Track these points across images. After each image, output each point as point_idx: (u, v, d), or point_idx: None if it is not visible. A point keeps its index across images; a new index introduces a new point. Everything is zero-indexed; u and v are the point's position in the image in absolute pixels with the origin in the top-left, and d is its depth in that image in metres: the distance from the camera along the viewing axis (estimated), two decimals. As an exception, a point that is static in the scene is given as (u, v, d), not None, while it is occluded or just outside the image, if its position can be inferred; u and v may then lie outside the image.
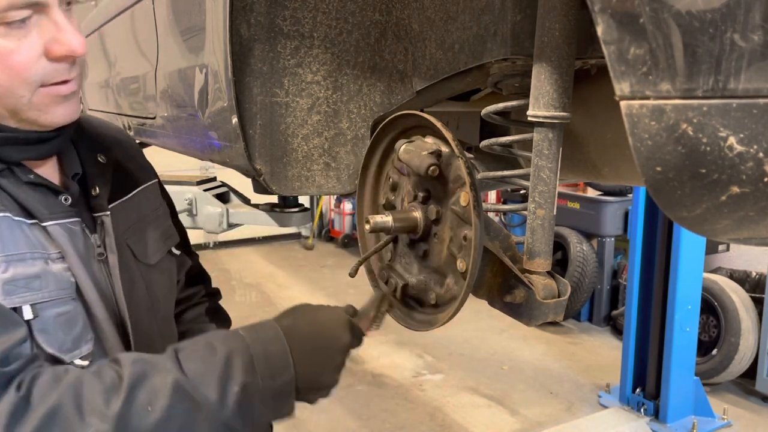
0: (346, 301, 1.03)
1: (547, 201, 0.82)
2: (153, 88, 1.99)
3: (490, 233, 0.90)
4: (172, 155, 2.37)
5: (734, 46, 0.53)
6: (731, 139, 0.54)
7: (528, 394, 4.18)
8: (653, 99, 0.56)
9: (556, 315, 0.84)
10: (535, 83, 0.79)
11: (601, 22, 0.57)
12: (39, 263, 0.89)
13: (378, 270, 1.08)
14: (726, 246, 4.94)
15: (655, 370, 3.80)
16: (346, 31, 1.16)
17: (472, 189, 0.80)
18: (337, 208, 8.14)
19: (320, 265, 7.31)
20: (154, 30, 1.91)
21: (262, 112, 1.17)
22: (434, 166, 0.86)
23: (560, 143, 0.81)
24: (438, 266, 0.92)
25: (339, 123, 1.21)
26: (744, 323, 4.04)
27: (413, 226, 0.93)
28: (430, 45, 1.07)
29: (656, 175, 0.57)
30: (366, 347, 1.01)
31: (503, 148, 0.95)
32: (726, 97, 0.54)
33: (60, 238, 0.93)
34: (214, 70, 1.27)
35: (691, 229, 0.64)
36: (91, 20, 3.07)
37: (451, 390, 4.23)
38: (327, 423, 3.81)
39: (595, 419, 3.82)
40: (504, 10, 0.86)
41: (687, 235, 3.57)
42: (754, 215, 0.60)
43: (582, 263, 5.05)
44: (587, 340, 5.07)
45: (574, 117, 0.84)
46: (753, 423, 3.85)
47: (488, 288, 0.90)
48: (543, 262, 0.85)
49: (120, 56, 2.66)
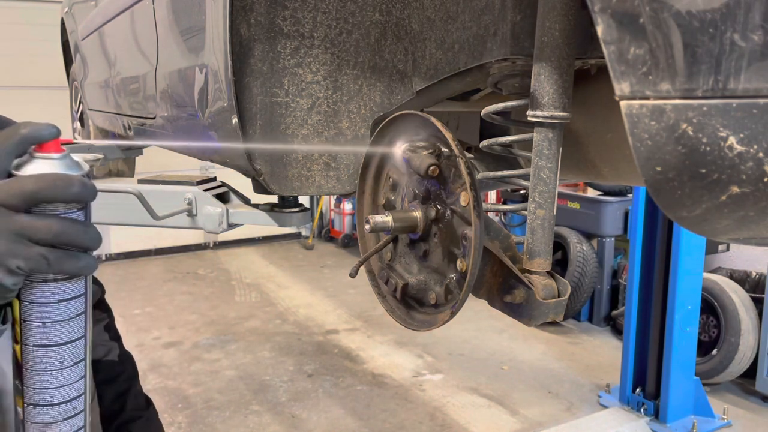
0: (346, 301, 1.03)
1: (547, 201, 0.82)
2: (153, 88, 1.99)
3: (490, 233, 0.90)
4: (172, 155, 2.38)
5: (734, 46, 0.53)
6: (731, 139, 0.54)
7: (528, 394, 4.18)
8: (653, 99, 0.56)
9: (556, 315, 0.84)
10: (535, 83, 0.79)
11: (601, 22, 0.57)
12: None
13: (378, 270, 1.08)
14: (726, 246, 4.94)
15: (655, 370, 3.80)
16: (346, 31, 1.16)
17: (472, 189, 0.80)
18: (337, 208, 8.14)
19: (320, 265, 7.31)
20: (154, 30, 1.91)
21: (262, 112, 1.17)
22: (434, 166, 0.86)
23: (560, 143, 0.81)
24: (438, 266, 0.92)
25: (339, 123, 1.21)
26: (744, 323, 4.04)
27: (413, 226, 0.93)
28: (430, 45, 1.07)
29: (656, 175, 0.57)
30: (366, 347, 1.00)
31: (503, 148, 0.95)
32: (726, 97, 0.54)
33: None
34: (214, 70, 1.27)
35: (691, 229, 0.64)
36: (91, 20, 3.07)
37: (451, 390, 4.23)
38: (327, 423, 3.81)
39: (595, 419, 3.82)
40: (504, 10, 0.86)
41: (687, 235, 3.57)
42: (754, 215, 0.60)
43: (582, 263, 5.05)
44: (587, 340, 5.07)
45: (574, 117, 0.84)
46: (753, 423, 3.85)
47: (488, 288, 0.90)
48: (543, 262, 0.85)
49: (120, 56, 2.66)
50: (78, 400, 0.75)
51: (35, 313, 0.69)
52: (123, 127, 2.75)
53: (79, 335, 0.73)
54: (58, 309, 0.70)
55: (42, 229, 0.63)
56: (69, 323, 0.71)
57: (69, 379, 0.73)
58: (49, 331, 0.70)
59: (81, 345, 0.73)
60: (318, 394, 4.18)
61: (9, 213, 0.63)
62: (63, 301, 0.70)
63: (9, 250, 0.63)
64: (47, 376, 0.71)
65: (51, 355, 0.71)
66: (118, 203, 2.10)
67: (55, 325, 0.70)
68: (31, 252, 0.64)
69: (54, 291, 0.69)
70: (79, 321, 0.72)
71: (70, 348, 0.72)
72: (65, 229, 0.65)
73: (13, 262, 0.63)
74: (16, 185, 0.64)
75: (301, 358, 4.74)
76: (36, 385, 0.71)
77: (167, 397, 4.09)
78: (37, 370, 0.71)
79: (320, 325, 5.40)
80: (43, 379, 0.71)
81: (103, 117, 3.24)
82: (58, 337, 0.71)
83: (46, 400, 0.72)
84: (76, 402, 0.74)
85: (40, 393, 0.71)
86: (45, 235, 0.64)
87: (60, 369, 0.72)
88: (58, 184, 0.64)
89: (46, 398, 0.72)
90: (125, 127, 2.70)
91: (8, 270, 0.64)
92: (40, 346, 0.70)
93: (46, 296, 0.69)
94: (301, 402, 4.06)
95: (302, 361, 4.68)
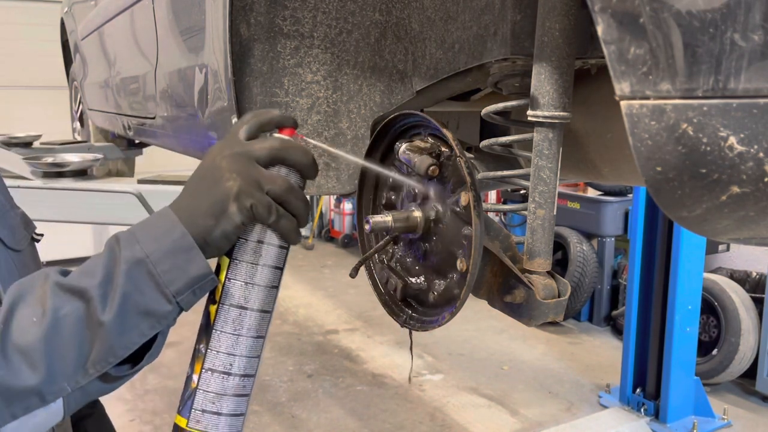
0: (346, 301, 1.03)
1: (547, 201, 0.82)
2: (153, 88, 1.99)
3: (490, 233, 0.90)
4: (172, 155, 2.37)
5: (734, 45, 0.53)
6: (731, 139, 0.54)
7: (528, 394, 4.18)
8: (653, 99, 0.55)
9: (556, 315, 0.84)
10: (535, 83, 0.79)
11: (601, 22, 0.57)
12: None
13: (378, 270, 1.08)
14: (726, 246, 4.94)
15: (655, 370, 3.80)
16: (346, 31, 1.16)
17: (472, 189, 0.80)
18: (337, 208, 8.14)
19: (320, 265, 7.31)
20: (154, 30, 1.91)
21: (262, 112, 1.17)
22: (434, 166, 0.86)
23: (560, 143, 0.81)
24: (438, 266, 0.92)
25: (339, 123, 1.21)
26: (744, 323, 4.04)
27: (413, 226, 0.93)
28: (430, 45, 1.07)
29: (656, 175, 0.57)
30: (366, 347, 0.99)
31: (503, 148, 0.95)
32: (726, 97, 0.54)
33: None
34: (214, 70, 1.27)
35: (691, 229, 0.64)
36: (91, 20, 3.07)
37: (451, 390, 4.23)
38: (327, 423, 3.81)
39: (595, 419, 3.82)
40: (504, 9, 0.86)
41: (687, 235, 3.57)
42: (754, 215, 0.60)
43: (582, 263, 5.05)
44: (587, 340, 5.08)
45: (574, 117, 0.84)
46: (753, 423, 3.85)
47: (488, 288, 0.90)
48: (543, 262, 0.85)
49: (120, 56, 2.66)
50: (249, 380, 0.78)
51: (242, 271, 0.76)
52: (123, 126, 2.75)
53: (269, 308, 0.79)
54: (262, 272, 0.77)
55: (277, 182, 0.74)
56: (266, 291, 0.78)
57: (249, 351, 0.77)
58: (249, 293, 0.76)
59: (267, 320, 0.79)
60: (318, 394, 4.18)
61: (254, 162, 0.74)
62: (267, 266, 0.77)
63: (247, 190, 0.72)
64: (234, 339, 0.76)
65: (243, 318, 0.76)
66: (118, 203, 2.10)
67: (255, 288, 0.76)
68: (263, 198, 0.73)
69: (263, 253, 0.77)
70: (273, 294, 0.79)
71: (260, 318, 0.78)
72: (293, 190, 0.75)
73: (248, 200, 0.72)
74: (266, 141, 0.76)
75: (301, 358, 4.74)
76: (221, 348, 0.76)
77: (167, 398, 4.09)
78: (226, 332, 0.76)
79: (320, 325, 5.40)
80: (229, 341, 0.76)
81: (103, 117, 3.24)
82: (255, 301, 0.77)
83: (225, 367, 0.76)
84: (248, 381, 0.78)
85: (222, 357, 0.76)
86: (278, 188, 0.74)
87: (246, 336, 0.77)
88: (299, 150, 0.77)
89: (226, 364, 0.76)
90: (125, 126, 2.70)
91: (241, 206, 0.72)
92: (237, 306, 0.76)
93: (255, 257, 0.76)
94: (301, 402, 4.06)
95: (302, 361, 4.68)
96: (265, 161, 0.75)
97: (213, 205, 0.73)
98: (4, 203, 1.01)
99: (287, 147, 0.76)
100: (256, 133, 0.78)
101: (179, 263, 0.72)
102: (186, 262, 0.72)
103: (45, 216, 2.23)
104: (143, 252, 0.71)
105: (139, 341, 0.73)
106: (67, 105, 4.55)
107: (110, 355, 0.71)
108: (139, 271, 0.71)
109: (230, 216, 0.72)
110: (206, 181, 0.75)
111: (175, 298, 0.72)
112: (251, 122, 0.78)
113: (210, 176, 0.74)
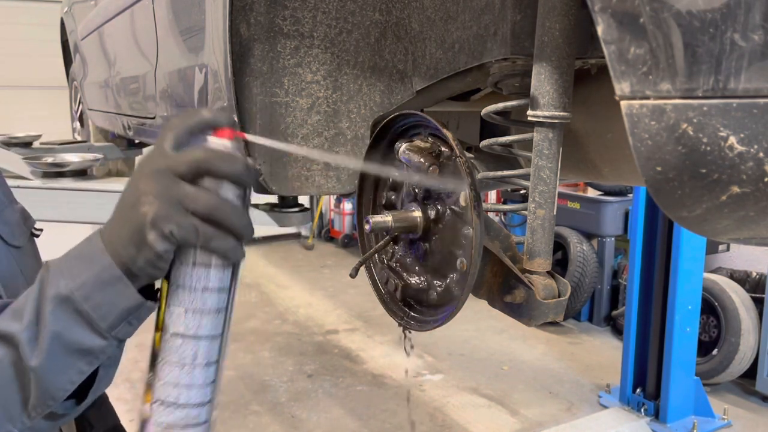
0: (346, 301, 1.03)
1: (547, 201, 0.82)
2: (153, 88, 1.99)
3: (490, 233, 0.90)
4: (172, 155, 2.37)
5: (734, 45, 0.53)
6: (731, 139, 0.54)
7: (528, 394, 4.18)
8: (653, 99, 0.55)
9: (556, 315, 0.84)
10: (535, 83, 0.79)
11: (602, 22, 0.57)
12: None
13: (378, 270, 1.08)
14: (726, 246, 4.94)
15: (655, 370, 3.80)
16: (346, 31, 1.16)
17: (472, 189, 0.80)
18: (337, 208, 8.14)
19: (320, 265, 7.31)
20: (154, 30, 1.91)
21: (262, 112, 1.17)
22: (434, 166, 0.86)
23: (560, 143, 0.81)
24: (438, 266, 0.92)
25: (339, 123, 1.21)
26: (744, 323, 4.04)
27: (413, 226, 0.93)
28: (430, 45, 1.07)
29: (656, 175, 0.57)
30: (366, 347, 0.99)
31: (503, 148, 0.95)
32: (726, 97, 0.54)
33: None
34: (214, 70, 1.27)
35: (692, 229, 0.64)
36: (91, 20, 3.07)
37: (451, 390, 4.23)
38: (327, 423, 3.81)
39: (595, 419, 3.82)
40: (504, 9, 0.86)
41: (687, 235, 3.57)
42: (754, 215, 0.60)
43: (582, 263, 5.05)
44: (587, 340, 5.07)
45: (574, 117, 0.84)
46: (753, 423, 3.85)
47: (488, 288, 0.90)
48: (543, 262, 0.85)
49: (119, 56, 2.66)
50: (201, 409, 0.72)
51: (179, 298, 0.70)
52: (123, 126, 2.75)
53: (215, 333, 0.72)
54: (203, 297, 0.70)
55: (200, 201, 0.65)
56: (210, 316, 0.71)
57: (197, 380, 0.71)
58: (190, 320, 0.69)
59: (216, 346, 0.72)
60: (318, 394, 4.17)
61: (175, 179, 0.65)
62: (208, 290, 0.70)
63: (166, 214, 0.64)
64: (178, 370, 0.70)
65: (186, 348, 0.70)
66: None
67: (195, 314, 0.69)
68: (185, 220, 0.65)
69: (201, 276, 0.69)
70: (219, 318, 0.72)
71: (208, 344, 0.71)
72: (221, 206, 0.66)
73: (167, 226, 0.64)
74: (188, 154, 0.67)
75: (301, 358, 4.74)
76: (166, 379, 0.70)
77: (167, 397, 4.09)
78: (170, 362, 0.70)
79: (320, 325, 5.40)
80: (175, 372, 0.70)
81: (103, 117, 3.24)
82: (198, 328, 0.70)
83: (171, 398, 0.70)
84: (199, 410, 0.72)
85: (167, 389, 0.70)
86: (202, 207, 0.65)
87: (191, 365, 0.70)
88: (225, 158, 0.67)
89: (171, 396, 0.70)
90: (125, 126, 2.70)
91: (162, 234, 0.65)
92: (178, 335, 0.70)
93: (192, 281, 0.69)
94: (301, 402, 4.06)
95: (302, 361, 4.68)
96: (189, 176, 0.66)
97: (132, 234, 0.66)
98: (3, 199, 1.00)
99: (210, 157, 0.66)
100: (185, 140, 0.69)
101: (108, 297, 0.68)
102: (115, 295, 0.68)
103: (45, 216, 2.23)
104: (68, 288, 0.67)
105: (77, 379, 0.70)
106: (67, 105, 4.55)
107: (48, 398, 0.69)
108: (66, 309, 0.67)
109: (151, 244, 0.65)
110: (126, 204, 0.68)
111: (109, 332, 0.69)
112: (177, 128, 0.69)
113: (128, 199, 0.68)
